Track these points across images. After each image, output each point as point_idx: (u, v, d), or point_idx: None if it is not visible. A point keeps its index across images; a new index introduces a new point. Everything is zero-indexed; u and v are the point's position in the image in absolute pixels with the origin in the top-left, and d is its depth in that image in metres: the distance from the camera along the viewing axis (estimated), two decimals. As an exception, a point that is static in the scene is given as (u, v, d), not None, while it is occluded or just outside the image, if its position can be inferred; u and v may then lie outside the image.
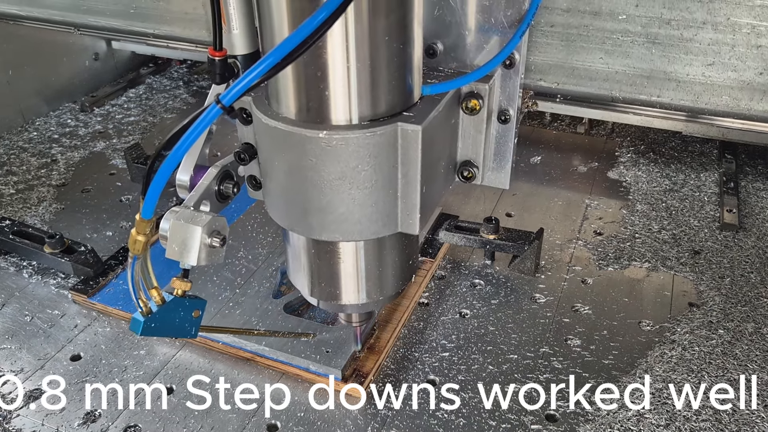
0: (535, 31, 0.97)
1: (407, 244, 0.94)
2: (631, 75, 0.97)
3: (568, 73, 1.00)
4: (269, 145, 0.81)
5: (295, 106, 0.76)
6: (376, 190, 0.79)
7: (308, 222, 0.83)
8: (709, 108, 0.96)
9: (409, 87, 0.79)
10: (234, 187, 0.91)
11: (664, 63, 0.95)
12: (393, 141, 0.77)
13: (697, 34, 0.92)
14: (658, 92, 0.98)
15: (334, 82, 0.73)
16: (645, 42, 0.95)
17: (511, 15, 0.86)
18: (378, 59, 0.73)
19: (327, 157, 0.75)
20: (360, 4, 0.69)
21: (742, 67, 0.92)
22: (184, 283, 0.85)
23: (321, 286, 0.94)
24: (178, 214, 0.82)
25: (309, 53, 0.68)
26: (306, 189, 0.79)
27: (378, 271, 0.93)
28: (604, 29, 0.95)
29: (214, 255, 0.82)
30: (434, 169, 0.85)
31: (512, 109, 0.92)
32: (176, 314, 0.87)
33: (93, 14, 1.50)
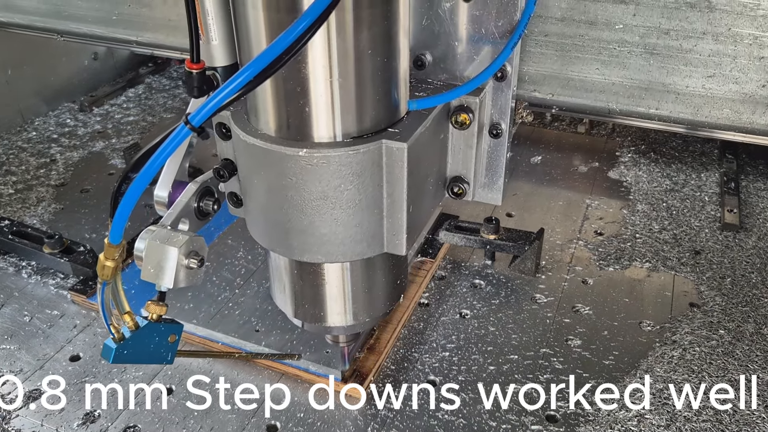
0: (529, 41, 0.95)
1: (395, 264, 0.90)
2: (629, 86, 0.95)
3: (563, 84, 0.97)
4: (248, 163, 0.77)
5: (275, 123, 0.73)
6: (360, 210, 0.75)
7: (289, 243, 0.79)
8: (710, 121, 0.94)
9: (394, 102, 0.76)
10: (214, 203, 0.87)
11: (662, 74, 0.93)
12: (377, 159, 0.73)
13: (697, 45, 0.90)
14: (656, 104, 0.95)
15: (314, 97, 0.70)
16: (643, 53, 0.92)
17: (503, 25, 0.83)
18: (360, 73, 0.70)
19: (308, 176, 0.72)
20: (340, 16, 0.66)
21: (743, 79, 0.90)
22: (160, 307, 0.80)
23: (305, 307, 0.90)
24: (153, 234, 0.77)
25: (287, 67, 0.66)
26: (286, 209, 0.76)
27: (364, 292, 0.89)
28: (601, 39, 0.93)
29: (191, 276, 0.78)
30: (422, 187, 0.82)
31: (504, 123, 0.89)
32: (151, 340, 0.81)
33: (75, 21, 1.48)
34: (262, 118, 0.74)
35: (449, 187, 0.91)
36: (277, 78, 0.69)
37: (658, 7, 0.89)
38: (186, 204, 0.84)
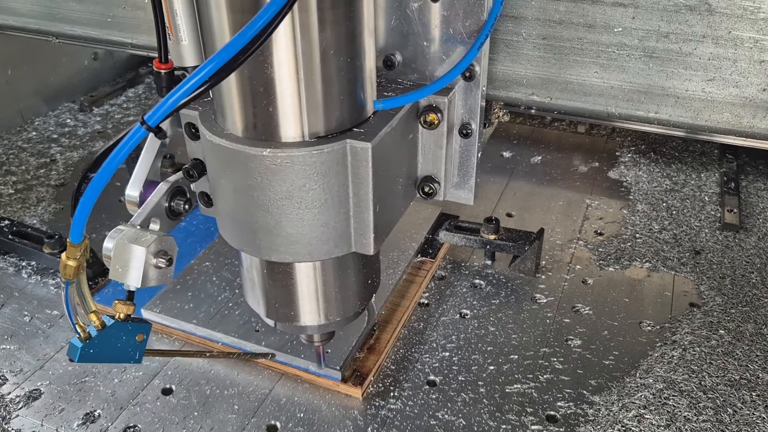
0: (526, 44, 0.94)
1: (366, 263, 0.90)
2: (628, 90, 0.94)
3: (561, 88, 0.97)
4: (216, 163, 0.78)
5: (241, 123, 0.74)
6: (326, 209, 0.76)
7: (257, 243, 0.79)
8: (710, 125, 0.93)
9: (360, 102, 0.76)
10: (185, 203, 0.87)
11: (662, 78, 0.92)
12: (342, 159, 0.74)
13: (697, 48, 0.89)
14: (656, 108, 0.95)
15: (276, 97, 0.70)
16: (642, 56, 0.92)
17: (470, 26, 0.83)
18: (323, 73, 0.70)
19: (272, 176, 0.72)
20: (302, 16, 0.66)
21: (744, 83, 0.89)
22: (127, 306, 0.80)
23: (276, 307, 0.90)
24: (122, 234, 0.78)
25: (250, 68, 0.67)
26: (253, 209, 0.76)
27: (335, 291, 0.89)
28: (599, 42, 0.92)
29: (161, 276, 0.78)
30: (390, 187, 0.82)
31: (474, 123, 0.89)
32: (118, 339, 0.82)
33: (69, 23, 1.48)
34: (228, 118, 0.75)
35: (420, 187, 0.91)
36: (240, 78, 0.70)
37: (657, 11, 0.88)
38: (157, 204, 0.84)
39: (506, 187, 1.66)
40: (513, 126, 1.96)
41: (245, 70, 0.69)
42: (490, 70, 0.99)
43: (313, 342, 1.02)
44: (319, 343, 1.03)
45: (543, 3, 0.93)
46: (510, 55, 0.98)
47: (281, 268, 0.86)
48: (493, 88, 1.01)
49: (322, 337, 1.01)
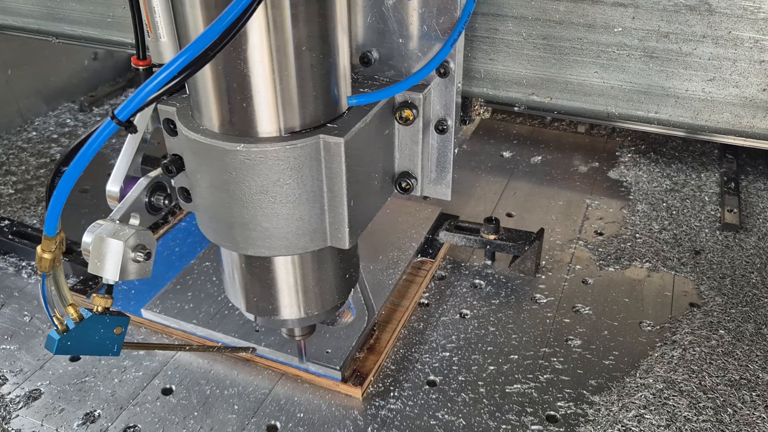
0: (526, 44, 0.95)
1: (344, 257, 0.91)
2: (628, 90, 0.94)
3: (561, 88, 0.97)
4: (193, 158, 0.79)
5: (216, 118, 0.75)
6: (301, 204, 0.77)
7: (234, 237, 0.81)
8: (710, 125, 0.93)
9: (334, 98, 0.77)
10: (165, 198, 0.88)
11: (662, 78, 0.92)
12: (315, 154, 0.75)
13: (697, 49, 0.89)
14: (656, 108, 0.95)
15: (251, 93, 0.71)
16: (642, 56, 0.91)
17: (444, 23, 0.84)
18: (296, 70, 0.71)
19: (247, 170, 0.74)
20: (275, 13, 0.67)
21: (744, 83, 0.89)
22: (105, 299, 0.82)
23: (256, 301, 0.91)
24: (100, 228, 0.79)
25: (224, 64, 0.68)
26: (229, 203, 0.77)
27: (313, 285, 0.90)
28: (599, 42, 0.92)
29: (139, 270, 0.80)
30: (366, 182, 0.83)
31: (450, 119, 0.90)
32: (96, 332, 0.83)
33: (69, 23, 1.47)
34: (204, 114, 0.76)
35: (397, 182, 0.92)
36: (214, 74, 0.71)
37: (657, 11, 0.88)
38: (136, 199, 0.85)
39: (506, 187, 1.66)
40: (513, 126, 1.96)
41: (219, 66, 0.70)
42: (490, 70, 0.99)
43: (294, 337, 1.02)
44: (300, 338, 1.03)
45: (543, 3, 0.93)
46: (510, 55, 0.98)
47: (259, 262, 0.87)
48: (493, 88, 1.01)
49: (303, 331, 1.01)
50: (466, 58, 0.99)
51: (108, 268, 0.78)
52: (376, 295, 1.25)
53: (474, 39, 0.98)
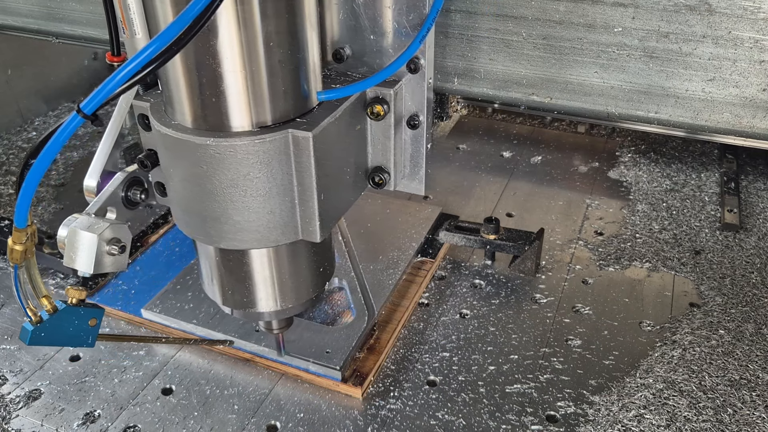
0: (526, 44, 0.95)
1: (317, 250, 0.92)
2: (628, 90, 0.95)
3: (561, 88, 0.97)
4: (166, 153, 0.80)
5: (187, 113, 0.76)
6: (271, 197, 0.78)
7: (207, 230, 0.81)
8: (710, 125, 0.94)
9: (303, 93, 0.78)
10: (142, 193, 0.89)
11: (662, 78, 0.92)
12: (285, 148, 0.76)
13: (697, 49, 0.89)
14: (656, 108, 0.95)
15: (220, 88, 0.72)
16: (642, 56, 0.92)
17: (413, 19, 0.85)
18: (265, 65, 0.72)
19: (217, 164, 0.75)
20: (243, 9, 0.68)
21: (744, 83, 0.89)
22: (79, 291, 0.83)
23: (231, 294, 0.92)
24: (76, 222, 0.81)
25: (193, 59, 0.69)
26: (201, 197, 0.79)
27: (287, 278, 0.91)
28: (599, 42, 0.93)
29: (115, 263, 0.82)
30: (337, 176, 0.84)
31: (422, 115, 0.91)
32: (70, 323, 0.84)
33: (69, 23, 1.48)
34: (176, 109, 0.77)
35: (370, 177, 0.93)
36: (184, 69, 0.72)
37: (657, 11, 0.88)
38: (113, 193, 0.87)
39: (506, 187, 1.66)
40: (513, 126, 1.96)
41: (188, 61, 0.71)
42: (490, 70, 0.99)
43: (272, 330, 1.03)
44: (278, 331, 1.03)
45: (543, 3, 0.93)
46: (510, 55, 0.98)
47: (234, 256, 0.87)
48: (493, 88, 1.01)
49: (280, 324, 1.02)
50: (467, 58, 0.99)
51: (82, 260, 0.80)
52: (376, 295, 1.25)
53: (474, 39, 0.98)
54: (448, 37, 0.99)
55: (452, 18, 0.97)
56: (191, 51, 0.70)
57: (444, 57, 1.00)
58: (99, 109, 0.66)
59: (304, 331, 1.16)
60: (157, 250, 1.42)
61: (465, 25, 0.97)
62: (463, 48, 0.99)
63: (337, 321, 1.23)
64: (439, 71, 1.01)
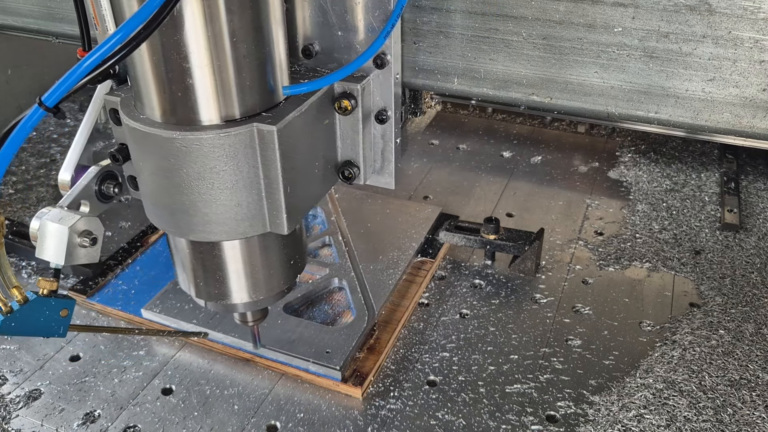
0: (526, 44, 0.95)
1: (288, 243, 0.93)
2: (628, 90, 0.94)
3: (561, 88, 0.97)
4: (136, 147, 0.82)
5: (155, 108, 0.77)
6: (238, 190, 0.79)
7: (176, 222, 0.83)
8: (710, 125, 0.93)
9: (269, 88, 0.79)
10: (115, 187, 0.91)
11: (662, 78, 0.92)
12: (250, 141, 0.77)
13: (697, 49, 0.89)
14: (656, 108, 0.95)
15: (186, 83, 0.73)
16: (642, 56, 0.91)
17: (379, 16, 0.87)
18: (231, 60, 0.73)
19: (184, 157, 0.76)
20: (209, 3, 0.69)
21: (744, 83, 0.89)
22: (50, 282, 0.85)
23: (203, 286, 0.93)
24: (47, 214, 0.83)
25: (160, 54, 0.71)
26: (170, 190, 0.80)
27: (260, 270, 0.91)
28: (599, 42, 0.92)
29: (87, 255, 0.84)
30: (304, 169, 0.85)
31: (390, 110, 0.92)
32: (41, 314, 0.85)
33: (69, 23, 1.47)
34: (145, 103, 0.78)
35: (340, 171, 0.94)
36: (151, 64, 0.73)
37: (657, 11, 0.88)
38: (86, 186, 0.89)
39: (506, 187, 1.66)
40: (513, 126, 1.96)
41: (154, 57, 0.72)
42: (490, 70, 0.99)
43: (247, 322, 1.03)
44: (252, 323, 1.04)
45: (543, 3, 0.93)
46: (510, 55, 0.98)
47: (204, 248, 0.88)
48: (493, 88, 1.01)
49: (254, 316, 1.02)
50: (467, 58, 0.99)
51: (52, 252, 0.82)
52: (376, 295, 1.25)
53: (474, 39, 0.98)
54: (448, 37, 0.99)
55: (452, 18, 0.98)
56: (157, 46, 0.71)
57: (444, 57, 1.00)
58: (61, 101, 0.66)
59: (304, 331, 1.16)
60: (157, 250, 1.42)
61: (465, 25, 0.97)
62: (463, 48, 0.98)
63: (337, 321, 1.23)
64: (438, 71, 1.02)
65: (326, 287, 1.30)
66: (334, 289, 1.30)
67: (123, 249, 1.42)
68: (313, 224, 1.50)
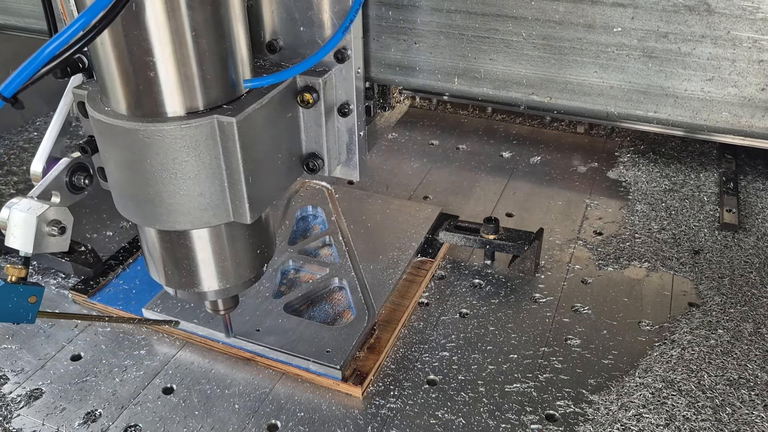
0: (526, 44, 0.96)
1: (253, 232, 0.95)
2: (627, 90, 0.95)
3: (561, 88, 0.98)
4: (101, 139, 0.84)
5: (120, 100, 0.79)
6: (200, 180, 0.81)
7: (142, 212, 0.85)
8: (708, 124, 0.94)
9: (231, 81, 0.82)
10: (86, 178, 0.95)
11: (661, 78, 0.93)
12: (211, 133, 0.79)
13: (696, 49, 0.89)
14: (654, 108, 0.95)
15: (148, 76, 0.75)
16: (641, 56, 0.92)
17: (338, 11, 0.89)
18: (192, 54, 0.76)
19: (147, 149, 0.78)
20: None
21: (742, 82, 0.90)
22: (19, 269, 0.88)
23: (169, 274, 0.95)
24: (17, 204, 0.87)
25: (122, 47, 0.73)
26: (135, 180, 0.82)
27: (227, 258, 0.93)
28: (599, 42, 0.93)
29: (56, 244, 0.88)
30: (267, 161, 0.87)
31: (352, 103, 0.95)
32: (9, 300, 0.88)
33: None
34: (110, 96, 0.80)
35: (305, 163, 0.96)
36: (114, 57, 0.75)
37: (656, 11, 0.89)
38: (56, 178, 0.92)
39: (506, 187, 1.67)
40: (513, 126, 1.97)
41: (117, 50, 0.74)
42: (490, 70, 1.00)
43: (219, 311, 1.05)
44: (224, 311, 1.06)
45: (542, 3, 0.94)
46: (510, 55, 0.98)
47: (172, 237, 0.90)
48: (493, 88, 1.01)
49: (225, 304, 1.04)
50: (467, 58, 1.00)
51: (21, 240, 0.86)
52: (376, 294, 1.25)
53: (474, 39, 0.98)
54: (448, 37, 0.99)
55: (452, 18, 0.98)
56: (119, 39, 0.73)
57: (444, 57, 1.01)
58: (19, 92, 0.66)
59: (304, 331, 1.17)
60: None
61: (465, 26, 0.97)
62: (463, 48, 0.99)
63: (338, 320, 1.24)
64: (439, 71, 1.02)
65: (326, 287, 1.30)
66: (334, 289, 1.31)
67: (124, 249, 1.42)
68: (313, 224, 1.51)
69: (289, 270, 1.36)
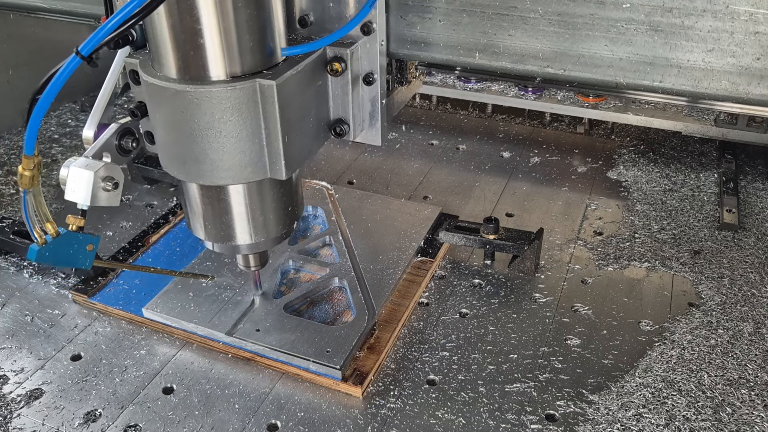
0: (542, 21, 1.04)
1: (284, 191, 1.03)
2: (635, 62, 1.03)
3: (574, 61, 1.06)
4: (152, 101, 0.92)
5: (170, 66, 0.87)
6: (242, 139, 0.89)
7: (187, 169, 0.93)
8: (709, 92, 1.02)
9: (269, 49, 0.90)
10: (133, 142, 1.04)
11: (665, 50, 1.01)
12: (253, 95, 0.87)
13: (698, 22, 0.97)
14: (660, 78, 1.03)
15: (197, 43, 0.84)
16: (648, 30, 1.00)
17: None
18: (235, 23, 0.84)
19: (195, 109, 0.86)
20: None
21: (740, 53, 0.97)
22: (78, 219, 0.99)
23: (209, 228, 1.03)
24: (75, 162, 0.96)
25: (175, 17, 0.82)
26: (182, 139, 0.90)
27: (262, 214, 1.02)
28: (609, 18, 1.01)
29: (109, 198, 0.98)
30: (300, 123, 0.95)
31: (376, 73, 1.03)
32: (70, 247, 0.99)
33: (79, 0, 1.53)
34: (162, 63, 0.88)
35: (332, 128, 1.03)
36: (168, 26, 0.83)
37: None
38: (107, 141, 1.01)
39: (506, 187, 1.67)
40: (513, 126, 1.97)
41: (170, 19, 0.82)
42: (508, 45, 1.08)
43: (250, 266, 1.15)
44: (255, 268, 1.15)
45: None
46: (527, 31, 1.06)
47: (213, 193, 0.99)
48: (511, 62, 1.10)
49: (255, 260, 1.14)
50: (487, 35, 1.08)
51: (80, 194, 0.96)
52: (377, 294, 1.25)
53: (494, 17, 1.06)
54: (471, 15, 1.07)
55: (475, -2, 1.08)
56: (172, 9, 0.81)
57: (466, 34, 1.09)
58: (95, 52, 0.77)
59: (304, 331, 1.17)
60: (158, 250, 1.43)
61: (486, 4, 1.06)
62: (484, 25, 1.07)
63: (338, 320, 1.24)
64: (461, 47, 1.11)
65: (326, 287, 1.30)
66: (334, 289, 1.31)
67: (124, 249, 1.42)
68: (313, 224, 1.51)
69: (289, 270, 1.36)
